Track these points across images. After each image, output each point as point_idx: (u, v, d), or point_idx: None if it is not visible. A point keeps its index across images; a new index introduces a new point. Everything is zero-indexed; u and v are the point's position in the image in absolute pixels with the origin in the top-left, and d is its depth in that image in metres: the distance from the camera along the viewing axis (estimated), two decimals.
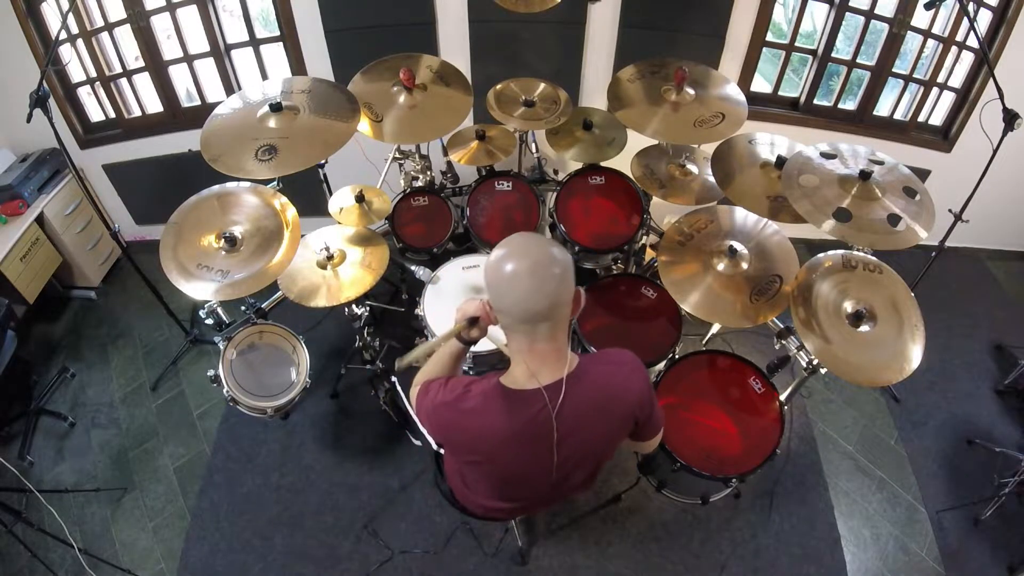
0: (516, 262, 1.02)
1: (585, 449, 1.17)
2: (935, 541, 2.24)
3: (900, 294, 1.69)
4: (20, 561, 2.17)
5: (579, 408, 1.09)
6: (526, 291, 1.01)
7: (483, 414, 1.09)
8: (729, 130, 2.07)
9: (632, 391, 1.15)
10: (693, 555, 2.17)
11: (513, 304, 1.03)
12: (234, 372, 2.01)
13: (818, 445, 2.52)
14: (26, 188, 2.76)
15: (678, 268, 1.92)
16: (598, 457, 1.25)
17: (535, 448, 1.12)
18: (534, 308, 1.02)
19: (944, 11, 2.62)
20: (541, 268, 1.01)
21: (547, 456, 1.13)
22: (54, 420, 2.64)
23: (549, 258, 1.02)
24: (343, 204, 2.18)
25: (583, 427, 1.12)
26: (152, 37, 2.77)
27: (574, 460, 1.18)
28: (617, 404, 1.15)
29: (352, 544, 2.21)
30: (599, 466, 1.32)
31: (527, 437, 1.10)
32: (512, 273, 1.01)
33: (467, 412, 1.10)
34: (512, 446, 1.11)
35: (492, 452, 1.13)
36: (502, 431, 1.09)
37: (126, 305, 3.19)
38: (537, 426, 1.08)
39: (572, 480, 1.27)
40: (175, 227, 1.85)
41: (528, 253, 1.02)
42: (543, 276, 1.01)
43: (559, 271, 1.02)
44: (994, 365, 2.85)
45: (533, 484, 1.24)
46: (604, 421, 1.14)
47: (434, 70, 2.31)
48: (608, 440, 1.20)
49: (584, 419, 1.11)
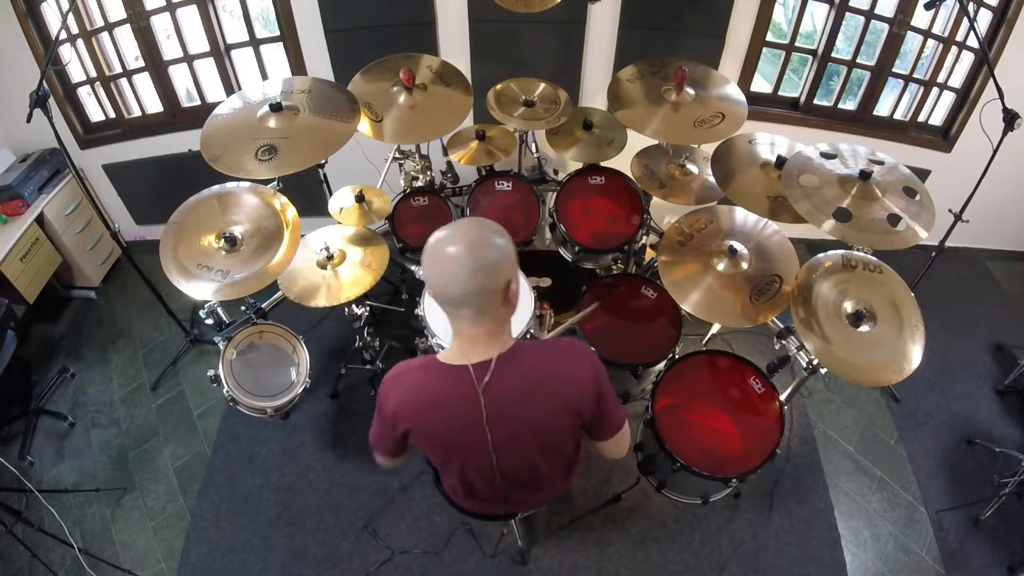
0: (445, 244, 1.03)
1: (518, 434, 1.16)
2: (935, 541, 2.24)
3: (900, 294, 1.69)
4: (20, 561, 2.17)
5: (510, 388, 1.10)
6: (444, 274, 1.03)
7: (420, 385, 1.15)
8: (729, 130, 2.07)
9: (574, 380, 1.13)
10: (693, 555, 2.17)
11: (433, 284, 1.06)
12: (234, 372, 2.01)
13: (818, 445, 2.52)
14: (26, 188, 2.76)
15: (678, 268, 1.92)
16: (534, 447, 1.22)
17: (466, 422, 1.13)
18: (450, 293, 1.05)
19: (944, 11, 2.62)
20: (463, 255, 1.01)
21: (480, 434, 1.14)
22: (54, 420, 2.64)
23: (476, 245, 1.02)
24: (343, 204, 2.18)
25: (514, 409, 1.12)
26: (152, 37, 2.77)
27: (510, 444, 1.18)
28: (553, 391, 1.13)
29: (352, 544, 2.21)
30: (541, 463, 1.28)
31: (455, 407, 1.12)
32: (436, 253, 1.04)
33: (409, 383, 1.15)
34: (442, 412, 1.14)
35: (427, 420, 1.15)
36: (435, 399, 1.13)
37: (126, 305, 3.19)
38: (465, 400, 1.11)
39: (515, 472, 1.28)
40: (175, 227, 1.85)
41: (459, 238, 1.03)
42: (463, 262, 1.01)
43: (490, 261, 1.02)
44: (994, 365, 2.85)
45: (476, 465, 1.25)
46: (537, 405, 1.13)
47: (434, 70, 2.31)
48: (542, 429, 1.18)
49: (515, 401, 1.11)
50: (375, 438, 1.28)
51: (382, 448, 1.28)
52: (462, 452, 1.22)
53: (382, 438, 1.25)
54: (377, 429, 1.26)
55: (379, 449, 1.29)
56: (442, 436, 1.19)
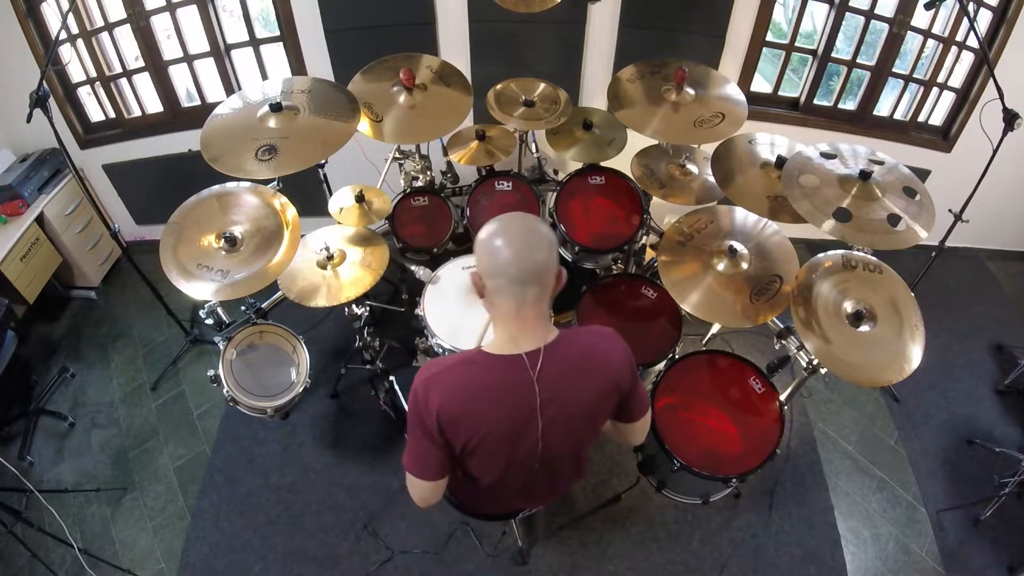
0: (509, 225, 1.09)
1: (568, 415, 1.17)
2: (935, 541, 2.24)
3: (900, 294, 1.69)
4: (20, 561, 2.17)
5: (560, 371, 1.11)
6: (519, 249, 1.07)
7: (466, 379, 1.12)
8: (729, 130, 2.07)
9: (614, 359, 1.18)
10: (693, 555, 2.17)
11: (507, 262, 1.07)
12: (234, 372, 2.01)
13: (818, 445, 2.52)
14: (26, 188, 2.76)
15: (678, 268, 1.92)
16: (582, 428, 1.24)
17: (518, 411, 1.12)
18: (527, 266, 1.07)
19: (944, 11, 2.62)
20: (532, 233, 1.09)
21: (532, 421, 1.14)
22: (54, 420, 2.64)
23: (538, 226, 1.11)
24: (343, 204, 2.18)
25: (565, 390, 1.13)
26: (152, 37, 2.77)
27: (558, 427, 1.17)
28: (598, 370, 1.16)
29: (352, 544, 2.21)
30: (583, 445, 1.32)
31: (509, 398, 1.11)
32: (507, 235, 1.08)
33: (450, 380, 1.11)
34: (495, 406, 1.12)
35: (477, 414, 1.11)
36: (484, 391, 1.11)
37: (126, 305, 3.19)
38: (519, 389, 1.10)
39: (557, 458, 1.27)
40: (175, 227, 1.85)
41: (520, 221, 1.11)
42: (534, 240, 1.08)
43: (548, 239, 1.10)
44: (994, 365, 2.85)
45: (520, 456, 1.22)
46: (585, 385, 1.16)
47: (434, 70, 2.31)
48: (591, 407, 1.20)
49: (566, 382, 1.13)
50: (415, 460, 1.17)
51: (426, 467, 1.17)
52: (511, 443, 1.19)
53: (424, 454, 1.15)
54: (415, 445, 1.16)
55: (422, 471, 1.17)
56: (496, 428, 1.14)
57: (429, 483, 1.19)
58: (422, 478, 1.19)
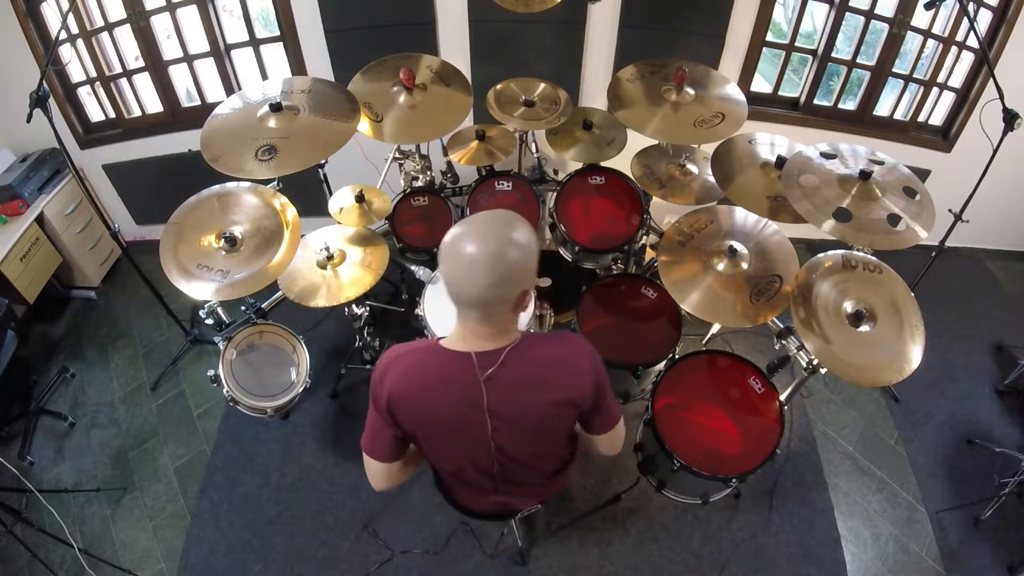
0: (464, 242, 1.00)
1: (520, 423, 1.17)
2: (935, 541, 2.24)
3: (900, 294, 1.69)
4: (20, 561, 2.17)
5: (513, 378, 1.11)
6: (458, 277, 1.02)
7: (420, 366, 1.13)
8: (729, 130, 2.07)
9: (573, 375, 1.14)
10: (693, 555, 2.17)
11: (445, 280, 1.04)
12: (234, 372, 2.01)
13: (818, 445, 2.52)
14: (26, 188, 2.76)
15: (678, 268, 1.92)
16: (534, 437, 1.23)
17: (466, 406, 1.13)
18: (462, 296, 1.03)
19: (944, 11, 2.62)
20: (482, 261, 0.98)
21: (477, 420, 1.14)
22: (54, 420, 2.64)
23: (498, 253, 0.99)
24: (343, 204, 2.18)
25: (516, 398, 1.13)
26: (152, 37, 2.77)
27: (510, 433, 1.18)
28: (553, 384, 1.14)
29: (352, 544, 2.21)
30: (542, 452, 1.31)
31: (454, 392, 1.12)
32: (454, 251, 1.01)
33: (405, 365, 1.13)
34: (441, 395, 1.12)
35: (422, 401, 1.13)
36: (433, 381, 1.12)
37: (126, 305, 3.19)
38: (465, 386, 1.11)
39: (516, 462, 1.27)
40: (175, 227, 1.85)
41: (481, 238, 1.00)
42: (481, 270, 0.99)
43: (506, 271, 1.00)
44: (994, 365, 2.85)
45: (473, 453, 1.23)
46: (536, 396, 1.14)
47: (434, 70, 2.31)
48: (541, 419, 1.18)
49: (517, 390, 1.12)
50: (370, 438, 1.22)
51: (378, 446, 1.21)
52: (459, 437, 1.20)
53: (378, 433, 1.20)
54: (370, 423, 1.21)
55: (375, 450, 1.22)
56: (440, 418, 1.16)
57: (381, 464, 1.23)
58: (374, 457, 1.23)
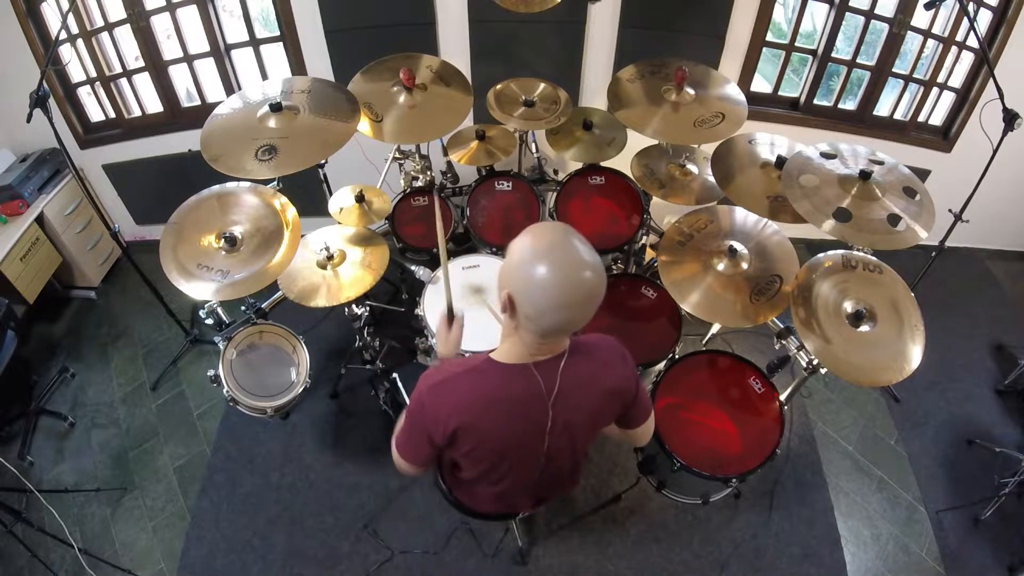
0: (552, 270, 0.95)
1: (574, 426, 1.19)
2: (935, 541, 2.24)
3: (900, 294, 1.69)
4: (20, 561, 2.17)
5: (570, 384, 1.11)
6: (565, 305, 0.97)
7: (475, 390, 1.10)
8: (729, 130, 2.07)
9: (620, 371, 1.19)
10: (693, 555, 2.17)
11: (540, 315, 0.99)
12: (234, 372, 2.01)
13: (818, 445, 2.52)
14: (26, 188, 2.76)
15: (678, 268, 1.92)
16: (584, 437, 1.27)
17: (528, 423, 1.13)
18: (564, 322, 1.01)
19: (944, 11, 2.62)
20: (584, 295, 0.97)
21: (540, 433, 1.15)
22: (54, 420, 2.64)
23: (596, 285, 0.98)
24: (343, 204, 2.18)
25: (573, 403, 1.14)
26: (152, 37, 2.76)
27: (564, 437, 1.20)
28: (605, 383, 1.17)
29: (352, 544, 2.21)
30: (583, 451, 1.35)
31: (519, 410, 1.12)
32: (557, 283, 0.95)
33: (461, 391, 1.10)
34: (502, 414, 1.12)
35: (485, 427, 1.12)
36: (494, 403, 1.10)
37: (126, 305, 3.19)
38: (530, 402, 1.10)
39: (557, 464, 1.29)
40: (175, 227, 1.85)
41: (566, 262, 0.96)
42: (596, 296, 0.99)
43: (598, 287, 0.98)
44: (994, 365, 2.85)
45: (525, 464, 1.25)
46: (593, 398, 1.17)
47: (434, 70, 2.31)
48: (595, 418, 1.23)
49: (575, 395, 1.13)
50: (408, 448, 1.21)
51: (416, 457, 1.21)
52: (517, 452, 1.21)
53: (418, 448, 1.18)
54: (412, 437, 1.19)
55: (411, 457, 1.22)
56: (500, 438, 1.15)
57: (414, 466, 1.24)
58: (409, 462, 1.23)
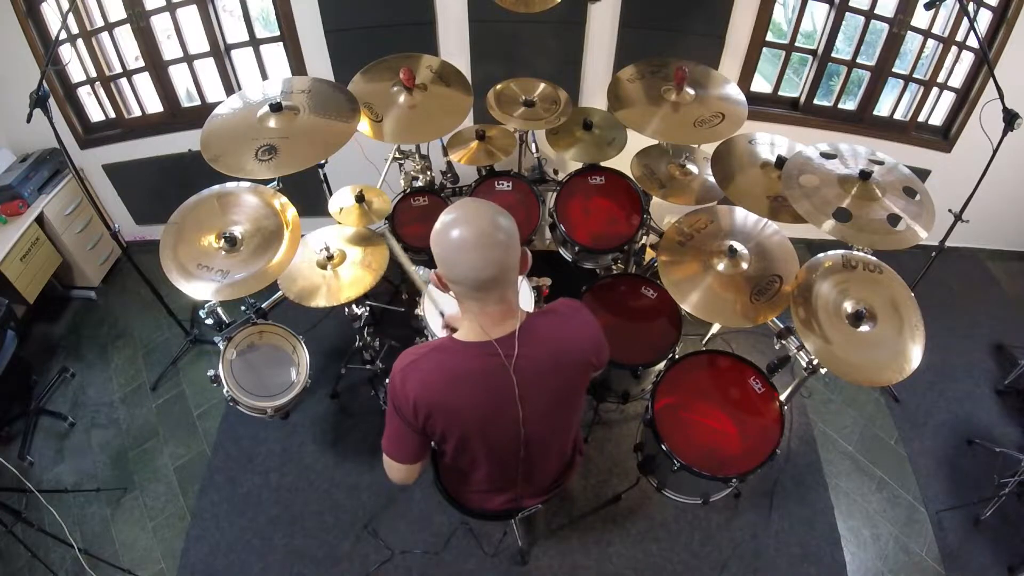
0: (461, 230, 1.04)
1: (547, 397, 1.20)
2: (935, 541, 2.24)
3: (900, 294, 1.69)
4: (20, 561, 2.17)
5: (535, 356, 1.13)
6: (474, 260, 1.04)
7: (440, 366, 1.13)
8: (729, 130, 2.07)
9: (583, 337, 1.20)
10: (693, 555, 2.17)
11: (463, 275, 1.06)
12: (234, 372, 2.01)
13: (818, 445, 2.52)
14: (26, 188, 2.76)
15: (678, 268, 1.92)
16: (561, 409, 1.28)
17: (495, 395, 1.14)
18: (483, 276, 1.05)
19: (944, 11, 2.62)
20: (486, 236, 1.03)
21: (510, 406, 1.15)
22: (54, 420, 2.64)
23: (493, 226, 1.05)
24: (343, 204, 2.18)
25: (541, 375, 1.15)
26: (152, 37, 2.77)
27: (539, 410, 1.20)
28: (574, 350, 1.19)
29: (352, 544, 2.21)
30: (566, 421, 1.35)
31: (484, 382, 1.13)
32: (459, 243, 1.04)
33: (425, 368, 1.13)
34: (469, 388, 1.13)
35: (453, 399, 1.14)
36: (459, 377, 1.13)
37: (126, 305, 3.19)
38: (494, 374, 1.12)
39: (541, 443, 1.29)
40: (175, 227, 1.85)
41: (472, 221, 1.05)
42: (489, 244, 1.04)
43: (504, 237, 1.05)
44: (994, 365, 2.85)
45: (502, 441, 1.24)
46: (562, 367, 1.18)
47: (434, 70, 2.31)
48: (570, 389, 1.24)
49: (541, 367, 1.15)
50: (393, 443, 1.22)
51: (402, 449, 1.22)
52: (490, 427, 1.21)
53: (401, 437, 1.20)
54: (394, 429, 1.20)
55: (399, 454, 1.22)
56: (470, 414, 1.16)
57: (404, 465, 1.24)
58: (398, 460, 1.24)
